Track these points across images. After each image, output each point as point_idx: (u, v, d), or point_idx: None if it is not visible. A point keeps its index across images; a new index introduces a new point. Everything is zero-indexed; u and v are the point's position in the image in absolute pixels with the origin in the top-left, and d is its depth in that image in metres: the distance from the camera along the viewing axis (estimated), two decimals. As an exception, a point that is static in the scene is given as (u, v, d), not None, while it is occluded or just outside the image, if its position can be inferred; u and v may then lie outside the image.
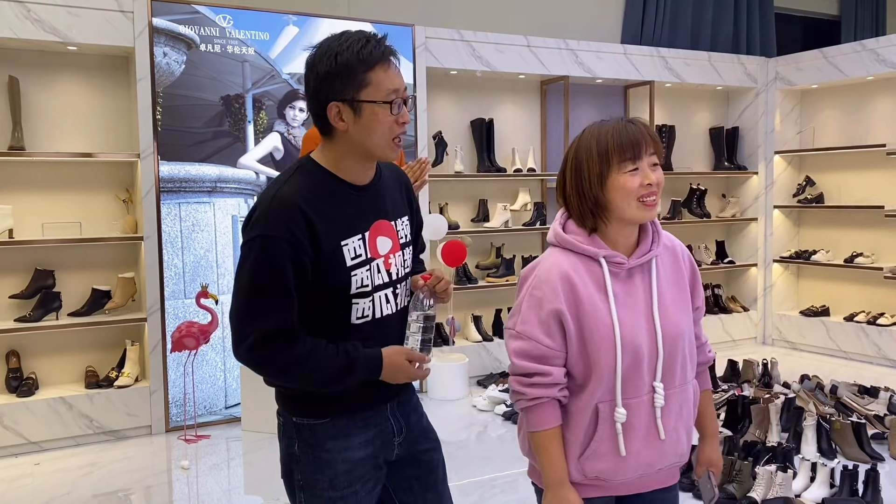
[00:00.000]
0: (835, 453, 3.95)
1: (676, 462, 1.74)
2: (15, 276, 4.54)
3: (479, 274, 5.96)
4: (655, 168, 1.65)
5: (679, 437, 1.71)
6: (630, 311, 1.65)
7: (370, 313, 1.72)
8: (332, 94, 1.63)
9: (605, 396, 1.64)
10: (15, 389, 4.41)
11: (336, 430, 1.73)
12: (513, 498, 3.56)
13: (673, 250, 1.78)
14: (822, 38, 8.03)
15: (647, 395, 1.65)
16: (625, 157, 1.62)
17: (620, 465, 1.66)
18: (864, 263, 6.23)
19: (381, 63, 1.62)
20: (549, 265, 1.68)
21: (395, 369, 1.70)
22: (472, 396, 5.21)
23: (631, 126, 1.65)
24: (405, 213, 1.85)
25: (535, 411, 1.66)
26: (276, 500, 3.66)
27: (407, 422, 1.85)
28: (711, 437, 1.89)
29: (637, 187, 1.62)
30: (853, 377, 5.40)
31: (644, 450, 1.66)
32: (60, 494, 3.75)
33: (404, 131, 1.69)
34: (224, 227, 4.78)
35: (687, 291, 1.76)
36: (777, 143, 6.79)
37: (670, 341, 1.67)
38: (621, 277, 1.68)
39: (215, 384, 4.78)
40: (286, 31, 4.91)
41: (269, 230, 1.58)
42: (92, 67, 4.71)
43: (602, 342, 1.62)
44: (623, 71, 6.21)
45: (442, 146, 5.70)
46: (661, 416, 1.67)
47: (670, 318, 1.68)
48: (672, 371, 1.68)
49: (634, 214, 1.65)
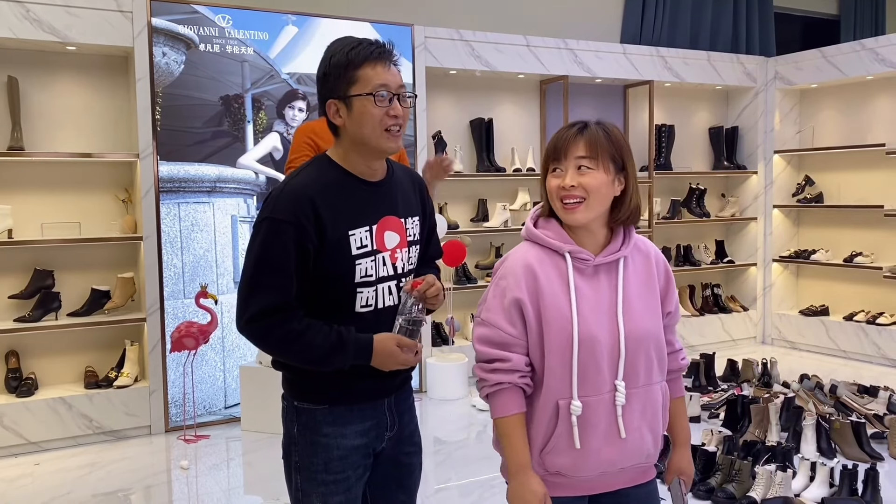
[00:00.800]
0: (834, 453, 3.95)
1: (642, 462, 1.75)
2: (14, 277, 4.54)
3: (479, 273, 5.96)
4: (585, 171, 1.67)
5: (643, 436, 1.72)
6: (592, 308, 1.68)
7: (373, 303, 1.80)
8: (329, 93, 1.77)
9: (565, 392, 1.66)
10: (14, 389, 4.41)
11: (333, 417, 1.82)
12: (512, 498, 3.56)
13: (647, 254, 1.79)
14: (822, 37, 8.03)
15: (608, 394, 1.67)
16: (550, 159, 1.71)
17: (579, 461, 1.68)
18: (864, 263, 6.23)
19: (370, 61, 1.73)
20: (517, 257, 1.73)
21: (385, 355, 1.76)
22: (472, 396, 5.20)
23: (568, 130, 1.70)
24: (417, 213, 1.93)
25: (497, 397, 1.69)
26: (276, 499, 3.66)
27: (400, 420, 1.92)
28: (682, 445, 1.90)
29: (556, 188, 1.69)
30: (852, 377, 5.40)
31: (604, 447, 1.68)
32: (60, 494, 3.75)
33: (397, 123, 1.76)
34: (223, 227, 4.78)
35: (657, 296, 1.77)
36: (776, 142, 6.79)
37: (633, 341, 1.68)
38: (587, 274, 1.70)
39: (215, 384, 4.78)
40: (285, 30, 4.91)
41: (276, 214, 1.70)
42: (91, 67, 4.71)
43: (559, 334, 1.65)
44: (622, 70, 6.21)
45: (441, 146, 5.70)
46: (622, 415, 1.68)
47: (635, 319, 1.70)
48: (635, 371, 1.69)
49: (563, 215, 1.70)
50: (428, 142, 5.57)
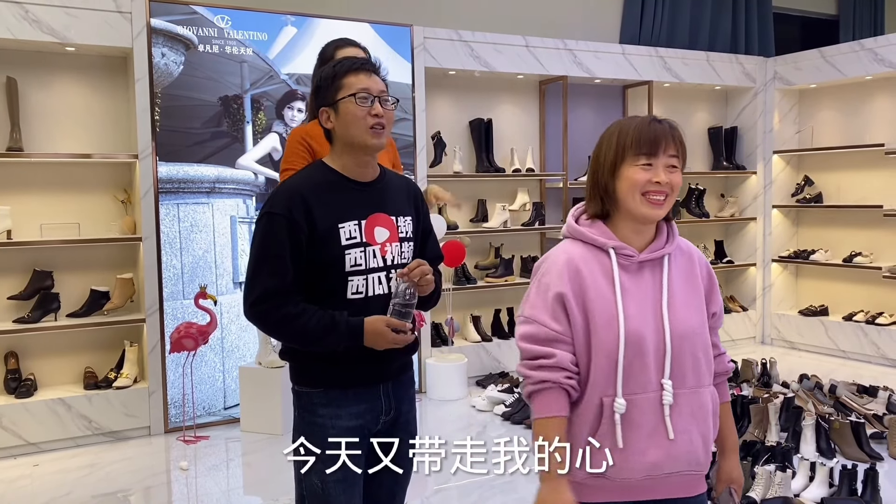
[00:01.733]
0: (834, 453, 3.95)
1: (692, 470, 1.68)
2: (13, 277, 4.53)
3: (478, 274, 5.96)
4: (673, 170, 1.66)
5: (692, 440, 1.66)
6: (637, 304, 1.65)
7: (364, 290, 1.98)
8: (321, 103, 2.01)
9: (609, 390, 1.62)
10: (14, 390, 4.40)
11: (328, 400, 1.98)
12: (512, 498, 3.56)
13: (689, 255, 1.77)
14: (821, 37, 8.02)
15: (654, 392, 1.63)
16: (640, 152, 1.64)
17: (622, 462, 1.62)
18: (863, 263, 6.23)
19: (352, 70, 1.98)
20: (559, 253, 1.71)
21: (375, 334, 1.92)
22: (471, 397, 5.20)
23: (657, 124, 1.67)
24: (408, 213, 2.10)
25: (539, 396, 1.64)
26: (276, 500, 3.66)
27: (399, 406, 2.08)
28: (731, 452, 1.84)
29: (644, 182, 1.63)
30: (852, 376, 5.40)
31: (650, 448, 1.63)
32: (59, 495, 3.75)
33: (380, 122, 1.96)
34: (223, 227, 4.77)
35: (701, 296, 1.75)
36: (776, 142, 6.79)
37: (679, 339, 1.65)
38: (631, 270, 1.68)
39: (214, 385, 4.78)
40: (284, 31, 4.91)
41: (273, 209, 1.94)
42: (90, 68, 4.71)
43: (605, 330, 1.62)
44: (621, 71, 6.21)
45: (441, 146, 5.70)
46: (669, 415, 1.63)
47: (680, 316, 1.67)
48: (682, 371, 1.65)
49: (639, 209, 1.65)
50: (427, 142, 5.56)
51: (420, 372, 5.37)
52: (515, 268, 6.06)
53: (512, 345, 5.85)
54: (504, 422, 4.66)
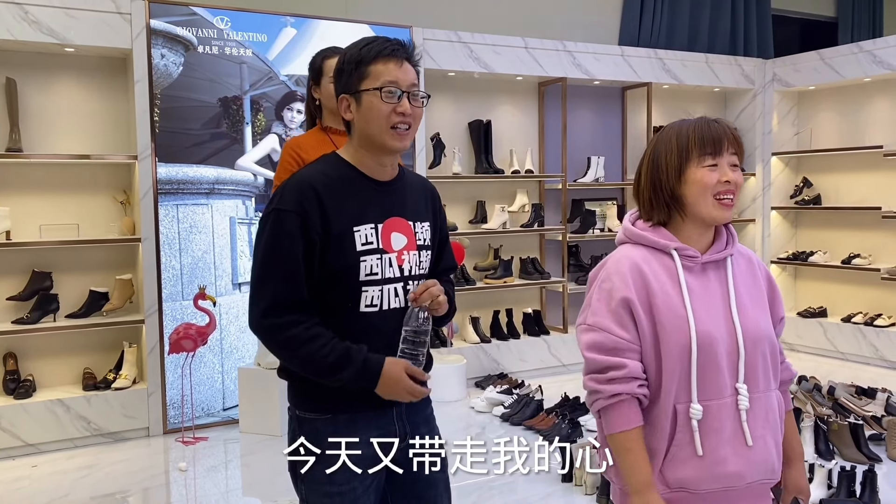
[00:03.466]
0: (832, 454, 3.95)
1: (767, 478, 1.62)
2: (12, 278, 4.53)
3: (478, 275, 5.96)
4: (735, 169, 1.63)
5: (768, 446, 1.60)
6: (705, 306, 1.59)
7: (378, 303, 1.76)
8: (342, 89, 1.77)
9: (683, 396, 1.56)
10: (12, 391, 4.40)
11: (336, 427, 1.75)
12: (511, 499, 3.56)
13: (749, 258, 1.73)
14: (820, 39, 8.04)
15: (730, 398, 1.57)
16: (705, 152, 1.60)
17: (703, 472, 1.55)
18: (862, 264, 6.24)
19: (381, 57, 1.72)
20: (619, 257, 1.65)
21: (392, 382, 1.71)
22: (470, 398, 5.21)
23: (714, 124, 1.63)
24: (426, 219, 1.89)
25: (614, 410, 1.57)
26: (274, 501, 3.66)
27: (414, 430, 1.85)
28: (798, 461, 1.77)
29: (714, 183, 1.59)
30: (851, 378, 5.40)
31: (731, 457, 1.56)
32: (58, 497, 3.74)
33: (405, 122, 1.74)
34: (222, 228, 4.77)
35: (765, 298, 1.70)
36: (774, 144, 6.80)
37: (752, 341, 1.60)
38: (695, 272, 1.63)
39: (213, 386, 4.77)
40: (284, 32, 4.91)
41: (283, 204, 1.70)
42: (89, 69, 4.71)
43: (675, 334, 1.55)
44: (620, 72, 6.22)
45: (440, 147, 5.70)
46: (746, 420, 1.57)
47: (750, 317, 1.62)
48: (755, 373, 1.60)
49: (710, 212, 1.61)
50: (426, 143, 5.57)
51: (419, 373, 5.36)
52: (514, 269, 6.07)
53: (511, 345, 5.85)
54: (503, 423, 4.66)
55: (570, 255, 6.29)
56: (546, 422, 4.45)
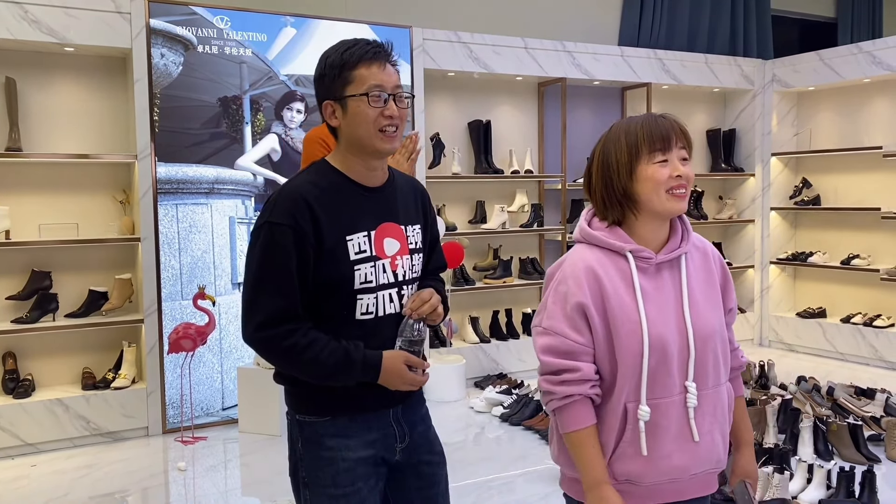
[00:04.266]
0: (831, 455, 3.95)
1: (712, 468, 1.68)
2: (11, 278, 4.53)
3: (477, 275, 5.96)
4: (685, 162, 1.64)
5: (714, 440, 1.65)
6: (658, 307, 1.62)
7: (374, 310, 1.76)
8: (325, 94, 1.76)
9: (633, 396, 1.60)
10: (11, 391, 4.40)
11: (336, 429, 1.76)
12: (510, 499, 3.56)
13: (704, 250, 1.75)
14: (819, 40, 8.04)
15: (678, 395, 1.61)
16: (654, 148, 1.62)
17: (649, 467, 1.61)
18: (861, 265, 6.24)
19: (364, 61, 1.72)
20: (575, 260, 1.66)
21: (393, 373, 1.73)
22: (470, 398, 5.21)
23: (661, 120, 1.66)
24: (418, 221, 1.90)
25: (567, 410, 1.61)
26: (273, 501, 3.66)
27: (412, 430, 1.86)
28: (746, 446, 1.82)
29: (666, 179, 1.61)
30: (850, 379, 5.40)
31: (676, 452, 1.61)
32: (57, 496, 3.74)
33: (392, 124, 1.74)
34: (221, 228, 4.77)
35: (718, 291, 1.72)
36: (774, 144, 6.81)
37: (702, 340, 1.63)
38: (649, 273, 1.65)
39: (212, 386, 4.77)
40: (284, 32, 4.91)
41: (275, 218, 1.69)
42: (89, 68, 4.71)
43: (628, 338, 1.58)
44: (620, 73, 6.22)
45: (439, 147, 5.70)
46: (694, 417, 1.62)
47: (702, 316, 1.64)
48: (704, 371, 1.64)
49: (664, 206, 1.62)
50: (426, 143, 5.57)
51: (418, 373, 5.37)
52: (514, 269, 6.07)
53: (510, 346, 5.86)
54: (502, 423, 4.66)
55: (570, 256, 6.28)
56: (545, 422, 4.45)
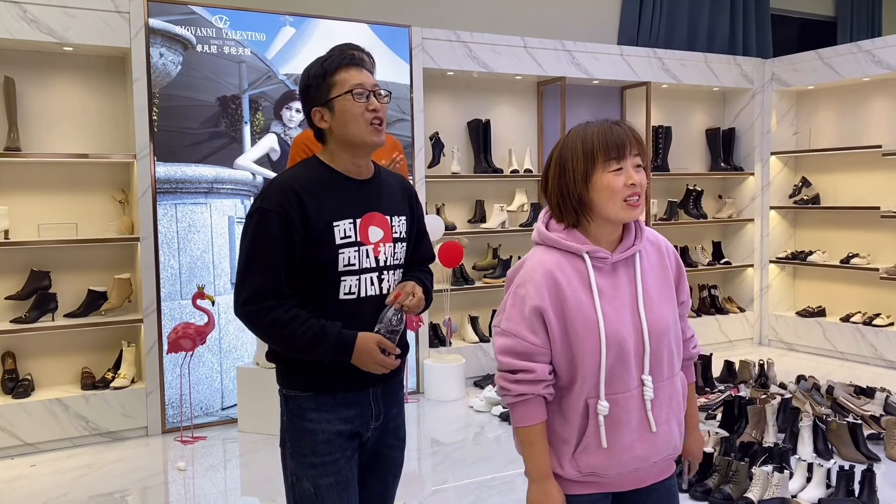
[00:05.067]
0: (831, 454, 3.95)
1: (670, 454, 1.76)
2: (10, 278, 4.53)
3: (476, 275, 5.96)
4: (639, 169, 1.68)
5: (671, 428, 1.73)
6: (615, 306, 1.67)
7: (356, 291, 1.93)
8: (312, 103, 1.95)
9: (594, 392, 1.66)
10: (11, 391, 4.40)
11: (317, 404, 1.94)
12: (510, 499, 3.56)
13: (657, 245, 1.80)
14: (819, 39, 8.04)
15: (636, 389, 1.68)
16: (609, 157, 1.65)
17: (612, 459, 1.68)
18: (860, 264, 6.24)
19: (343, 66, 1.91)
20: (534, 263, 1.70)
21: (365, 353, 1.88)
22: (469, 397, 5.20)
23: (616, 127, 1.68)
24: (404, 213, 2.06)
25: (519, 408, 1.69)
26: (273, 501, 3.66)
27: (387, 411, 2.04)
28: (696, 429, 1.93)
29: (621, 187, 1.65)
30: (849, 378, 5.41)
31: (637, 442, 1.68)
32: (57, 496, 3.74)
33: (377, 117, 1.92)
34: (220, 228, 4.77)
35: (672, 286, 1.79)
36: (773, 144, 6.80)
37: (656, 335, 1.69)
38: (605, 272, 1.70)
39: (212, 385, 4.77)
40: (283, 31, 4.91)
41: (264, 204, 1.87)
42: (88, 68, 4.71)
43: (586, 339, 1.64)
44: (619, 72, 6.22)
45: (439, 147, 5.70)
46: (651, 409, 1.69)
47: (655, 312, 1.70)
48: (659, 364, 1.70)
49: (619, 214, 1.67)
50: (426, 143, 5.57)
51: (418, 373, 5.37)
52: (513, 268, 6.06)
53: (510, 345, 5.84)
54: (502, 422, 4.66)
55: (569, 255, 6.28)
56: (545, 421, 4.45)
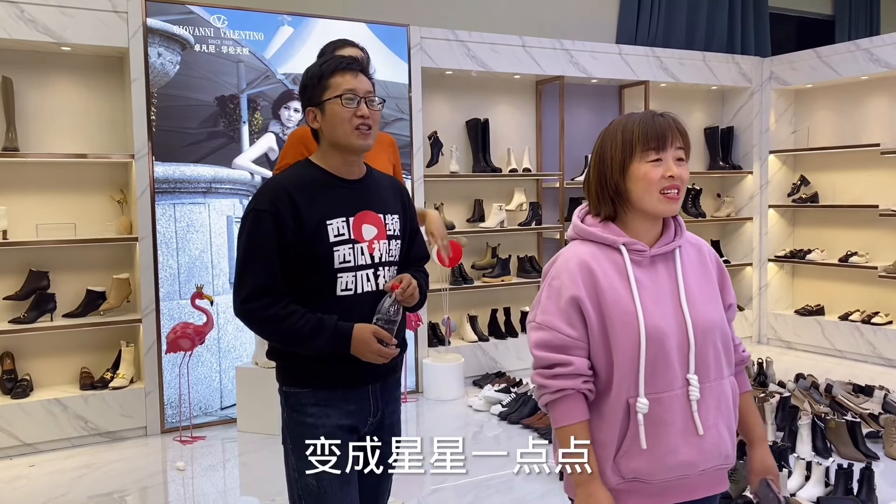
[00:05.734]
0: (830, 452, 3.96)
1: (721, 464, 1.66)
2: (9, 278, 4.52)
3: (475, 274, 5.96)
4: (680, 163, 1.63)
5: (720, 434, 1.63)
6: (654, 299, 1.61)
7: (353, 287, 1.97)
8: (308, 102, 2.02)
9: (634, 390, 1.58)
10: (9, 391, 4.39)
11: (317, 399, 1.99)
12: (508, 498, 3.56)
13: (698, 247, 1.75)
14: (817, 37, 8.04)
15: (680, 389, 1.59)
16: (648, 147, 1.60)
17: (656, 463, 1.58)
18: (859, 262, 6.24)
19: (339, 70, 1.97)
20: (569, 255, 1.66)
21: (362, 343, 1.93)
22: (468, 397, 5.21)
23: (659, 118, 1.64)
24: (396, 212, 2.11)
25: (559, 405, 1.61)
26: (272, 500, 3.66)
27: (385, 409, 2.09)
28: (761, 441, 1.80)
29: (659, 178, 1.60)
30: (848, 376, 5.41)
31: (683, 446, 1.59)
32: (56, 496, 3.74)
33: (365, 123, 1.97)
34: (219, 227, 4.77)
35: (715, 287, 1.71)
36: (772, 142, 6.81)
37: (701, 332, 1.61)
38: (644, 265, 1.64)
39: (210, 385, 4.77)
40: (281, 31, 4.90)
41: (258, 205, 1.94)
42: (86, 68, 4.70)
43: (624, 330, 1.57)
44: (618, 71, 6.22)
45: (437, 146, 5.70)
46: (697, 410, 1.60)
47: (699, 309, 1.63)
48: (706, 364, 1.62)
49: (655, 206, 1.62)
50: (424, 142, 5.56)
51: (417, 372, 5.37)
52: (512, 268, 6.07)
53: (508, 344, 5.85)
54: (501, 421, 4.66)
55: (568, 254, 6.28)
56: (544, 420, 4.45)
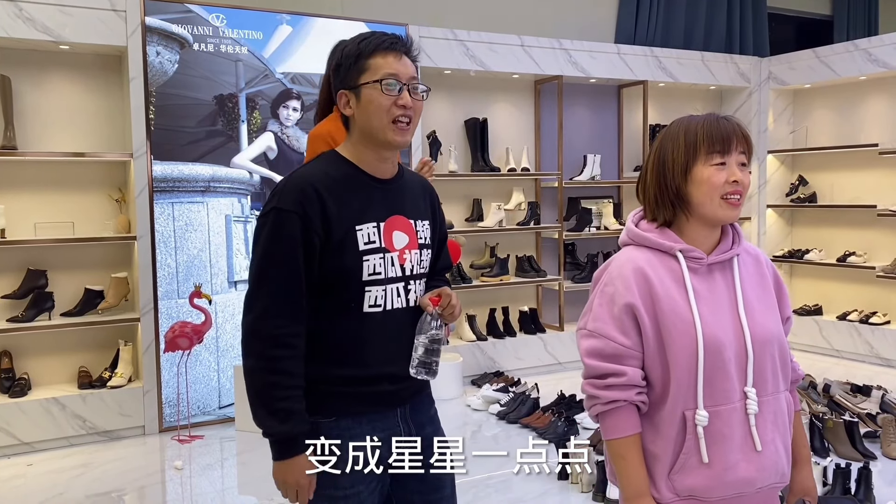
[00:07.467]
0: (827, 452, 3.96)
1: (777, 483, 1.58)
2: (7, 277, 4.52)
3: (474, 273, 5.96)
4: (743, 168, 1.57)
5: (777, 450, 1.56)
6: (712, 309, 1.55)
7: (382, 303, 1.72)
8: (340, 84, 1.73)
9: (690, 402, 1.51)
10: (7, 390, 4.39)
11: (340, 430, 1.71)
12: (507, 497, 3.56)
13: (756, 256, 1.68)
14: (815, 37, 8.05)
15: (738, 402, 1.52)
16: (713, 150, 1.54)
17: (715, 480, 1.51)
18: (857, 262, 6.25)
19: (380, 50, 1.69)
20: (623, 260, 1.59)
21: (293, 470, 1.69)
22: (467, 396, 5.21)
23: (724, 121, 1.58)
24: (427, 217, 1.87)
25: (611, 416, 1.54)
26: (270, 500, 3.66)
27: (420, 431, 1.82)
28: (805, 462, 1.73)
29: (722, 183, 1.53)
30: (846, 376, 5.42)
31: (742, 462, 1.52)
32: (53, 495, 3.74)
33: (406, 115, 1.70)
34: (217, 226, 4.76)
35: (773, 298, 1.65)
36: (770, 142, 6.81)
37: (760, 344, 1.55)
38: (701, 273, 1.58)
39: (209, 384, 4.77)
40: (280, 30, 4.90)
41: (282, 204, 1.65)
42: (84, 67, 4.70)
43: (681, 338, 1.51)
44: (616, 70, 6.22)
45: (436, 146, 5.70)
46: (755, 425, 1.53)
47: (758, 320, 1.57)
48: (764, 376, 1.55)
49: (716, 212, 1.55)
50: (423, 141, 5.56)
51: (415, 371, 5.37)
52: (511, 267, 6.07)
53: (507, 343, 5.86)
54: (499, 421, 4.67)
55: (567, 254, 6.29)
56: (542, 420, 4.46)
